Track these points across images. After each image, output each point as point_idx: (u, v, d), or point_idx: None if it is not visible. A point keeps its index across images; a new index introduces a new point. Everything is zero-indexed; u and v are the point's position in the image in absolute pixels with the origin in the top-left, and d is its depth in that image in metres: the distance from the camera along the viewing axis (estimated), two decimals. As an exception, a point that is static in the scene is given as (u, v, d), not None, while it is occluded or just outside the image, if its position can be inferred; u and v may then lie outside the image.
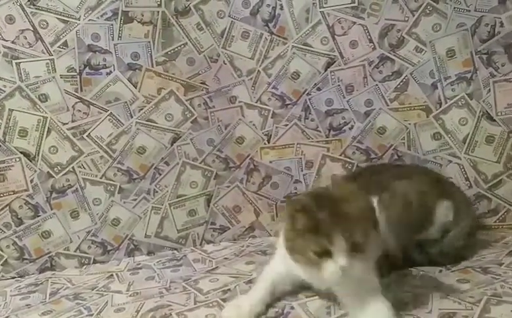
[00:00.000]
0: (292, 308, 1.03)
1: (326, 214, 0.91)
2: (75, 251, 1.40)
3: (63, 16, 1.33)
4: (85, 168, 1.39)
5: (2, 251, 1.36)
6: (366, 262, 0.93)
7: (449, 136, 1.38)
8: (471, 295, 1.02)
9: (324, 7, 1.37)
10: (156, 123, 1.41)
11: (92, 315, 1.11)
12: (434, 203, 1.20)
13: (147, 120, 1.40)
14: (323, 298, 1.04)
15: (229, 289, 1.15)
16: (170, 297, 1.14)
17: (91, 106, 1.37)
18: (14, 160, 1.34)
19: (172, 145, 1.42)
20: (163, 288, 1.20)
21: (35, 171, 1.36)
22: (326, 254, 0.90)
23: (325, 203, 0.93)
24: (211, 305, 1.09)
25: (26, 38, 1.32)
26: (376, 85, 1.40)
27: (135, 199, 1.42)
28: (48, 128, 1.35)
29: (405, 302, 1.01)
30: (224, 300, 1.09)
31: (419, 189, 1.20)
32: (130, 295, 1.18)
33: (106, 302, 1.16)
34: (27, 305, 1.19)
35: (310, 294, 1.06)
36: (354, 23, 1.38)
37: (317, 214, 0.92)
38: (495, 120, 1.36)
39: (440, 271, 1.15)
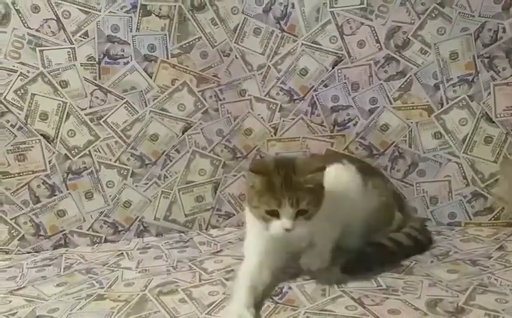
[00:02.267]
0: (290, 288, 1.08)
1: (280, 179, 1.02)
2: (87, 230, 1.45)
3: (85, 7, 1.38)
4: (100, 152, 1.43)
5: (19, 227, 1.41)
6: (313, 226, 1.05)
7: (449, 135, 1.40)
8: (458, 284, 1.05)
9: (334, 7, 1.41)
10: (169, 112, 1.45)
11: (103, 287, 1.15)
12: None
13: (160, 109, 1.45)
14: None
15: (232, 270, 1.19)
16: (177, 275, 1.19)
17: (108, 94, 1.42)
18: (34, 142, 1.39)
19: (183, 134, 1.46)
20: (170, 266, 1.25)
21: (53, 152, 1.41)
22: (275, 214, 1.01)
23: (284, 169, 1.03)
24: (215, 283, 1.14)
25: (49, 27, 1.37)
26: (381, 84, 1.42)
27: (146, 183, 1.46)
28: (67, 112, 1.40)
29: (396, 288, 1.05)
30: (227, 279, 1.14)
31: None
32: (139, 272, 1.23)
33: (117, 277, 1.21)
34: (43, 277, 1.24)
35: (308, 277, 1.11)
36: (363, 24, 1.40)
37: (273, 177, 1.03)
38: (493, 122, 1.37)
39: (432, 261, 1.18)
